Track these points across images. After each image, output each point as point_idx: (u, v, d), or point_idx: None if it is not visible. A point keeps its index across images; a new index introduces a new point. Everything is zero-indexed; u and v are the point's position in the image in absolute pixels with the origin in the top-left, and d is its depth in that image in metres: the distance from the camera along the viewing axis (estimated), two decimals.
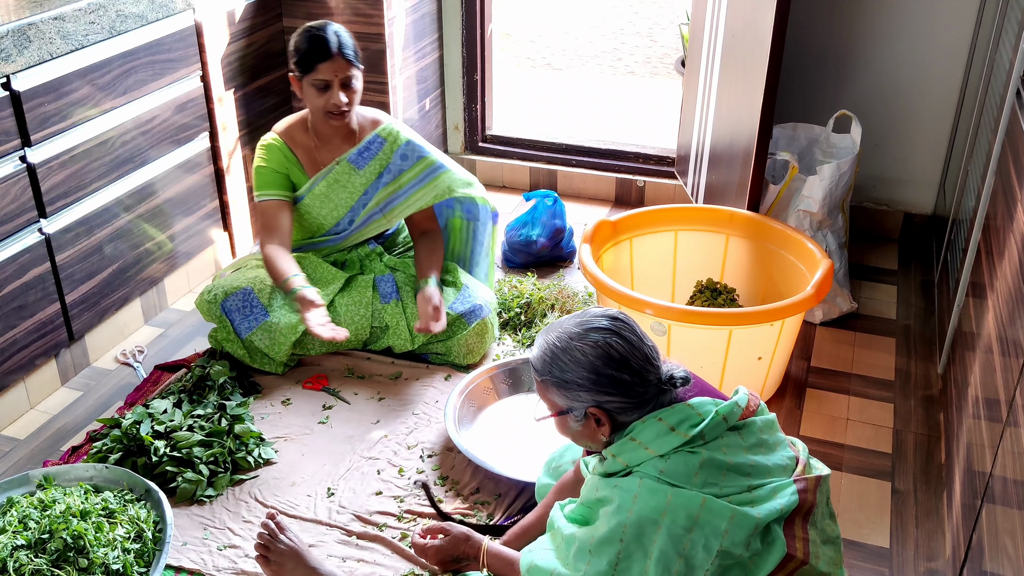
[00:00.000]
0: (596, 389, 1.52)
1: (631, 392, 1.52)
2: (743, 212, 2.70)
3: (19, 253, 2.36)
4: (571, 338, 1.54)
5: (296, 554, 1.83)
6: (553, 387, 1.56)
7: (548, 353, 1.56)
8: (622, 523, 1.47)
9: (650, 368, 1.53)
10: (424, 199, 2.66)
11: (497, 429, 2.37)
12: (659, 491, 1.46)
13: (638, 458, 1.51)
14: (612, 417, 1.54)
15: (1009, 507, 1.54)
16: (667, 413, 1.52)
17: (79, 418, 2.48)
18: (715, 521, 1.44)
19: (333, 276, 2.65)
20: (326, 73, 2.45)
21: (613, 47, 6.47)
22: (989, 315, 2.00)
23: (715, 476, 1.48)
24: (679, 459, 1.49)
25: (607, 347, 1.51)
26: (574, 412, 1.56)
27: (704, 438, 1.51)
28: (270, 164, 2.60)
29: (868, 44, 3.18)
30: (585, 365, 1.51)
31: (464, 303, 2.61)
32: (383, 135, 2.65)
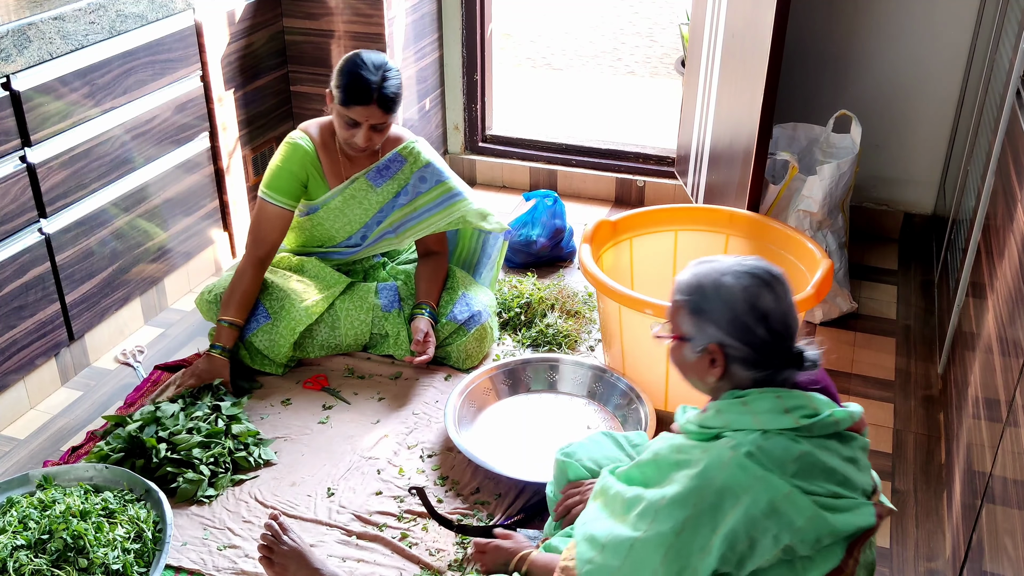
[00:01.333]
0: (727, 330, 1.48)
1: (758, 348, 1.48)
2: (743, 212, 2.70)
3: (19, 253, 2.36)
4: (726, 272, 1.50)
5: (299, 555, 1.83)
6: (687, 311, 1.52)
7: (697, 278, 1.52)
8: (701, 488, 1.42)
9: (786, 337, 1.49)
10: (438, 224, 2.65)
11: (497, 429, 2.37)
12: (749, 469, 1.41)
13: (739, 423, 1.46)
14: (728, 363, 1.50)
15: (1009, 507, 1.54)
16: (787, 394, 1.48)
17: (79, 418, 2.48)
18: (793, 515, 1.40)
19: (335, 280, 2.65)
20: (358, 116, 2.42)
21: (613, 47, 6.47)
22: (989, 315, 2.00)
23: (807, 472, 1.44)
24: (779, 442, 1.44)
25: (757, 296, 1.47)
26: (694, 342, 1.51)
27: (811, 432, 1.46)
28: (291, 167, 2.54)
29: (868, 44, 3.18)
30: (728, 302, 1.48)
31: (464, 311, 2.61)
32: (404, 154, 2.62)
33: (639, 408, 2.34)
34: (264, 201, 2.56)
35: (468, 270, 2.85)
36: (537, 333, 2.75)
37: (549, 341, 2.73)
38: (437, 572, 1.95)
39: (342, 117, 2.45)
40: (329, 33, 3.25)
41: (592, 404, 2.46)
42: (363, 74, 2.39)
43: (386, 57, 2.47)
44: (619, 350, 2.47)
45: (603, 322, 2.56)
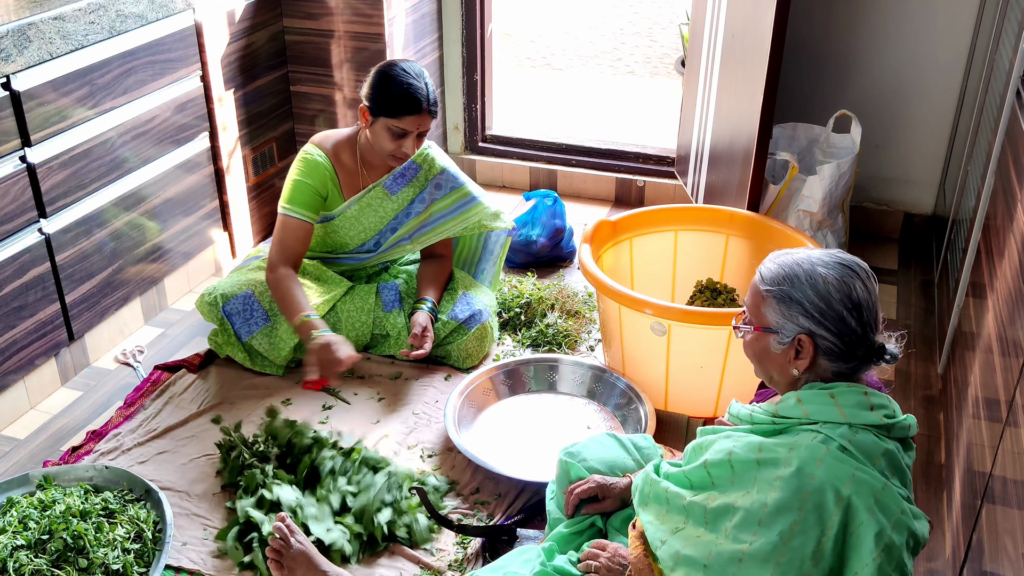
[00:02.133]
0: (818, 319, 1.45)
1: (848, 338, 1.45)
2: (743, 212, 2.70)
3: (19, 253, 2.36)
4: (817, 263, 1.48)
5: (307, 557, 1.83)
6: (774, 301, 1.49)
7: (787, 267, 1.49)
8: (802, 488, 1.37)
9: (873, 327, 1.47)
10: (453, 229, 2.66)
11: (497, 430, 2.37)
12: (846, 461, 1.38)
13: (825, 415, 1.43)
14: (816, 353, 1.47)
15: (1009, 507, 1.54)
16: (873, 393, 1.46)
17: (79, 418, 2.48)
18: (893, 508, 1.37)
19: (337, 282, 2.65)
20: (409, 125, 2.42)
21: (613, 47, 6.47)
22: (989, 315, 2.00)
23: (891, 470, 1.42)
24: (867, 437, 1.42)
25: (851, 286, 1.44)
26: (782, 333, 1.48)
27: (890, 432, 1.45)
28: (311, 182, 2.53)
29: (868, 44, 3.18)
30: (821, 292, 1.45)
31: (464, 310, 2.61)
32: (419, 161, 2.63)
33: (639, 408, 2.34)
34: (286, 216, 2.53)
35: (470, 268, 2.85)
36: (537, 333, 2.75)
37: (549, 341, 2.73)
38: (437, 572, 1.95)
39: (390, 130, 2.43)
40: (329, 33, 3.25)
41: (592, 404, 2.46)
42: (412, 83, 2.40)
43: (413, 62, 2.48)
44: (619, 350, 2.47)
45: (603, 322, 2.56)
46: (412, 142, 2.46)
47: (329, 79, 3.34)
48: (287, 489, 2.07)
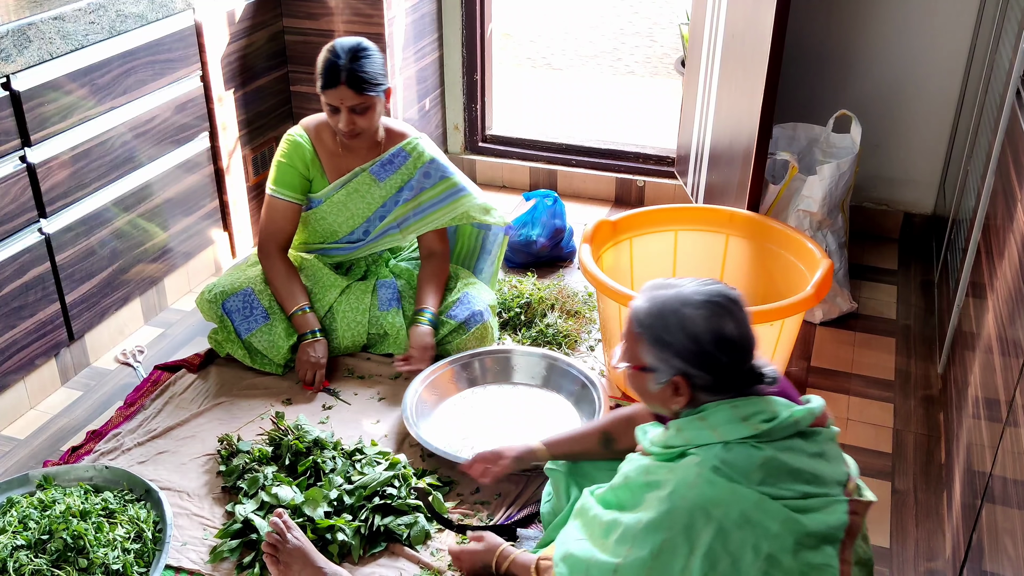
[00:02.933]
0: (692, 360, 1.47)
1: (723, 374, 1.47)
2: (743, 212, 2.70)
3: (19, 253, 2.36)
4: (686, 303, 1.48)
5: (304, 553, 1.83)
6: (648, 343, 1.50)
7: (656, 309, 1.49)
8: (673, 509, 1.42)
9: (748, 359, 1.49)
10: (441, 220, 2.66)
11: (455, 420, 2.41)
12: (717, 484, 1.41)
13: (701, 439, 1.46)
14: (693, 391, 1.49)
15: (1009, 507, 1.54)
16: (743, 402, 1.47)
17: (79, 418, 2.48)
18: (767, 522, 1.40)
19: (332, 282, 2.65)
20: (332, 99, 2.44)
21: (613, 47, 6.47)
22: (989, 315, 2.00)
23: (773, 477, 1.44)
24: (742, 451, 1.44)
25: (721, 326, 1.46)
26: (658, 374, 1.50)
27: (771, 436, 1.46)
28: (291, 162, 2.58)
29: (868, 44, 3.18)
30: (691, 335, 1.46)
31: (464, 310, 2.61)
32: (408, 149, 2.63)
33: (592, 393, 2.38)
34: (272, 197, 2.60)
35: (468, 267, 2.85)
36: (537, 333, 2.75)
37: (549, 341, 2.73)
38: (437, 572, 1.95)
39: (324, 105, 2.48)
40: (329, 33, 3.25)
41: (547, 392, 2.49)
42: (331, 57, 2.42)
43: (363, 41, 2.47)
44: None
45: (603, 322, 2.56)
46: (345, 117, 2.45)
47: None
48: (287, 489, 2.08)
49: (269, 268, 2.60)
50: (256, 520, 2.00)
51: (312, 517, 2.01)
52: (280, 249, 2.61)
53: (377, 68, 2.45)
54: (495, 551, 1.84)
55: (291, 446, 2.20)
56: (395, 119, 2.73)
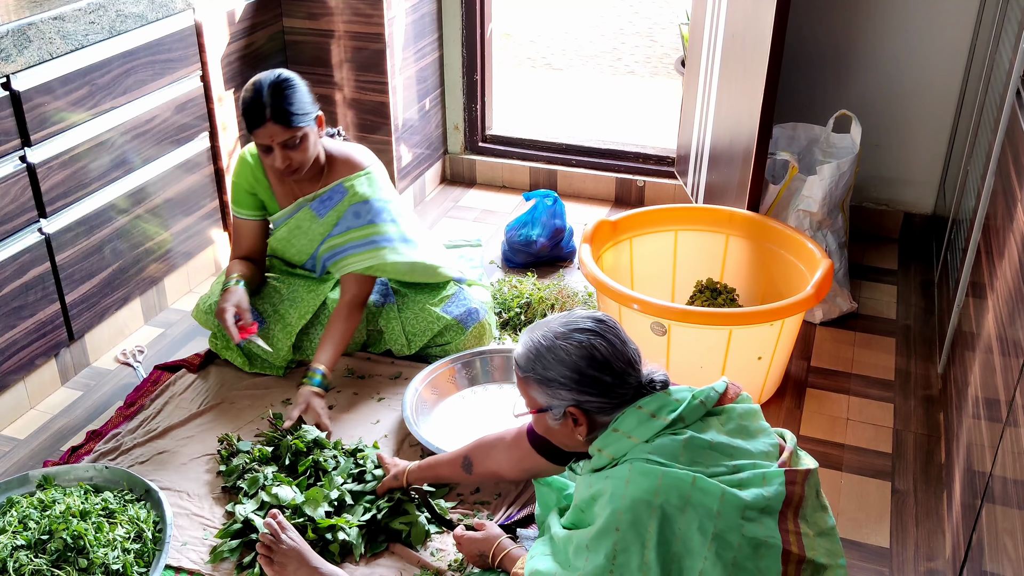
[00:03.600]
0: (577, 389, 1.55)
1: (611, 393, 1.56)
2: (743, 212, 2.70)
3: (19, 253, 2.36)
4: (556, 337, 1.57)
5: (299, 554, 1.83)
6: (535, 384, 1.59)
7: (532, 351, 1.59)
8: (616, 510, 1.47)
9: (631, 371, 1.57)
10: (355, 266, 2.48)
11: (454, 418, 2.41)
12: (650, 472, 1.47)
13: (623, 448, 1.54)
14: (590, 417, 1.58)
15: (1009, 507, 1.54)
16: (645, 401, 1.55)
17: (79, 418, 2.48)
18: (707, 501, 1.45)
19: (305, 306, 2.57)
20: (262, 139, 2.30)
21: (613, 47, 6.47)
22: (989, 315, 2.00)
23: (699, 455, 1.50)
24: (663, 441, 1.51)
25: (591, 348, 1.54)
26: (553, 410, 1.59)
27: (684, 421, 1.54)
28: (238, 179, 2.54)
29: (868, 44, 3.18)
30: (568, 364, 1.55)
31: (459, 306, 2.60)
32: (346, 186, 2.49)
33: None
34: (233, 216, 2.60)
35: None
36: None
37: None
38: (437, 572, 1.95)
39: (257, 147, 2.36)
40: (329, 33, 3.26)
41: None
42: (253, 96, 2.28)
43: (283, 72, 2.33)
44: None
45: None
46: (279, 155, 2.32)
47: (329, 79, 3.34)
48: (287, 489, 2.08)
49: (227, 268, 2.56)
50: (256, 520, 2.00)
51: (313, 517, 2.01)
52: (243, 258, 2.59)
53: (302, 98, 2.32)
54: (493, 542, 1.87)
55: (291, 446, 2.20)
56: (355, 145, 2.58)
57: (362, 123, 3.40)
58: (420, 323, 2.59)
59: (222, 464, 2.22)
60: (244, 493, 2.11)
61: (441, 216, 3.62)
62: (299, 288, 2.60)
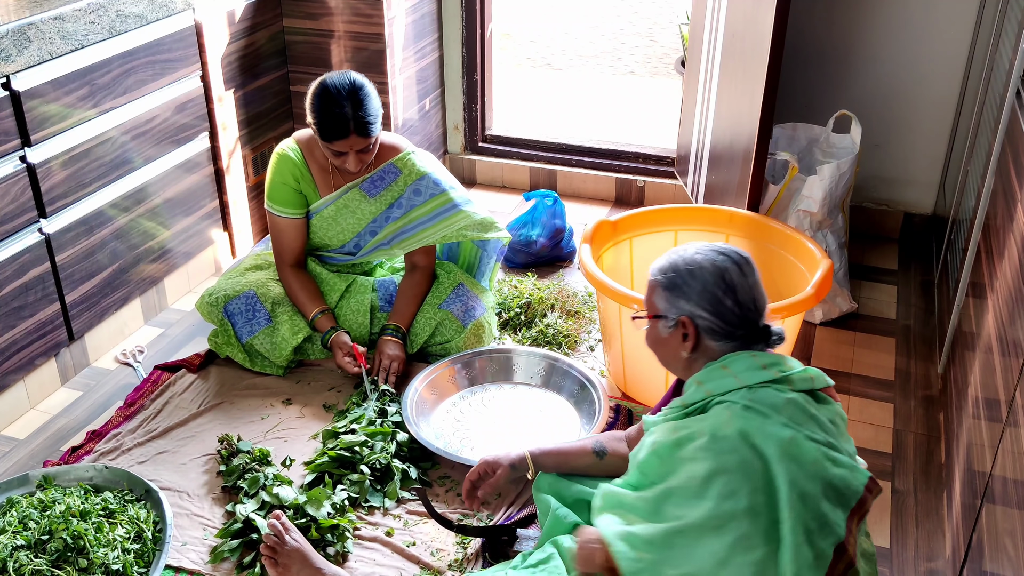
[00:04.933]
0: (696, 301, 1.57)
1: (726, 318, 1.57)
2: (743, 212, 2.70)
3: (19, 253, 2.36)
4: (696, 252, 1.61)
5: (302, 555, 1.83)
6: (661, 289, 1.62)
7: (670, 259, 1.63)
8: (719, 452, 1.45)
9: (752, 309, 1.58)
10: (432, 237, 2.60)
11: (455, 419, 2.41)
12: (752, 418, 1.46)
13: (724, 386, 1.53)
14: (699, 334, 1.59)
15: (1009, 507, 1.54)
16: (761, 354, 1.57)
17: (79, 418, 2.48)
18: (801, 457, 1.44)
19: (333, 285, 2.64)
20: (341, 147, 2.39)
21: (613, 47, 6.47)
22: (989, 315, 2.00)
23: (798, 417, 1.49)
24: (766, 392, 1.51)
25: (724, 270, 1.58)
26: (668, 318, 1.61)
27: (791, 385, 1.53)
28: (282, 178, 2.55)
29: (868, 44, 3.18)
30: (697, 276, 1.58)
31: (458, 304, 2.60)
32: (399, 165, 2.59)
33: (591, 392, 2.40)
34: (271, 214, 2.59)
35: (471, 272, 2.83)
36: (537, 333, 2.75)
37: (549, 341, 2.73)
38: (437, 572, 1.95)
39: (326, 149, 2.43)
40: (329, 33, 3.26)
41: (548, 392, 2.50)
42: (334, 109, 2.34)
43: (354, 76, 2.39)
44: (619, 350, 2.47)
45: (603, 322, 2.56)
46: (353, 160, 2.42)
47: None
48: (288, 489, 2.08)
49: (283, 282, 2.62)
50: (257, 520, 2.00)
51: (315, 517, 2.01)
52: (291, 263, 2.61)
53: (376, 104, 2.41)
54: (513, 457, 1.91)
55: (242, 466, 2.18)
56: (389, 132, 2.68)
57: None
58: (420, 319, 2.60)
59: (222, 464, 2.22)
60: (244, 493, 2.11)
61: None
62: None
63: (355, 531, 2.06)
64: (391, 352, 2.51)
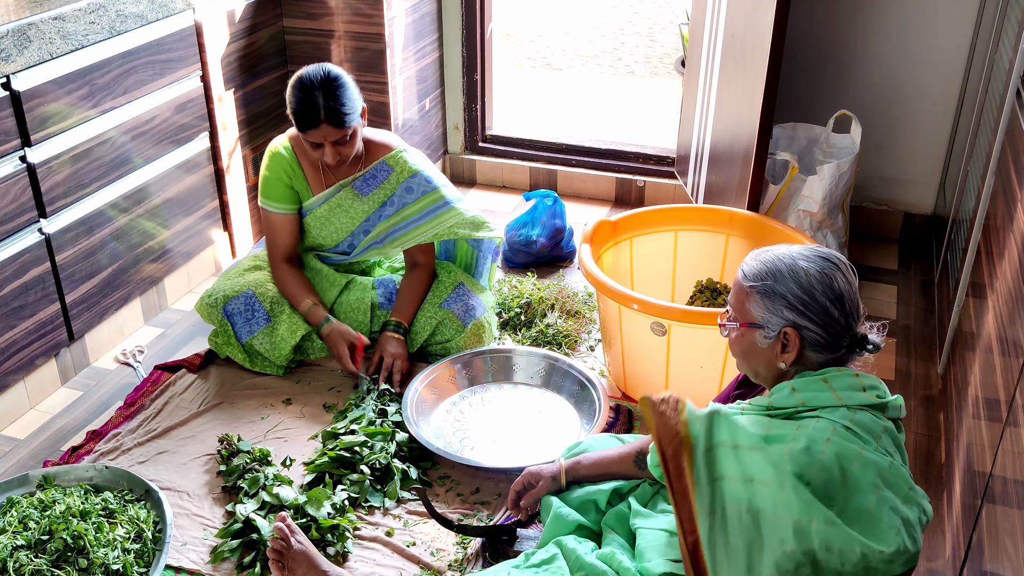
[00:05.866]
0: (802, 311, 1.49)
1: (832, 329, 1.49)
2: (743, 212, 2.70)
3: (19, 253, 2.36)
4: (798, 257, 1.52)
5: (308, 557, 1.83)
6: (758, 296, 1.52)
7: (769, 263, 1.53)
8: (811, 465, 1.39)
9: (856, 317, 1.51)
10: (425, 235, 2.60)
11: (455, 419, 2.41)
12: (853, 441, 1.41)
13: (821, 400, 1.47)
14: (802, 346, 1.51)
15: (1009, 507, 1.54)
16: (863, 375, 1.50)
17: (79, 418, 2.48)
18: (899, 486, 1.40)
19: (333, 281, 2.65)
20: (314, 138, 2.39)
21: (613, 47, 6.47)
22: (989, 315, 2.00)
23: (892, 447, 1.46)
24: (867, 416, 1.46)
25: (832, 277, 1.50)
26: (768, 328, 1.52)
27: (885, 412, 1.49)
28: (275, 174, 2.56)
29: (868, 44, 3.18)
30: (804, 284, 1.49)
31: (458, 303, 2.60)
32: (391, 163, 2.59)
33: (591, 392, 2.40)
34: (264, 210, 2.60)
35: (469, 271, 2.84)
36: (537, 333, 2.75)
37: (549, 341, 2.73)
38: (437, 572, 1.95)
39: (304, 141, 2.43)
40: (329, 33, 3.26)
41: (548, 392, 2.50)
42: (305, 97, 2.34)
43: (331, 67, 2.39)
44: (619, 350, 2.47)
45: (603, 322, 2.56)
46: (329, 151, 2.40)
47: None
48: (288, 490, 2.08)
49: (275, 278, 2.62)
50: (257, 520, 2.00)
51: (316, 517, 2.01)
52: (284, 259, 2.61)
53: (352, 95, 2.39)
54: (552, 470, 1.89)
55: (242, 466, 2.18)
56: (381, 130, 2.67)
57: None
58: (420, 319, 2.60)
59: (222, 464, 2.22)
60: (244, 493, 2.11)
61: None
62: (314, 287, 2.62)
63: (355, 531, 2.06)
64: (393, 350, 2.51)
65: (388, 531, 2.07)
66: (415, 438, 2.26)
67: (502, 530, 2.02)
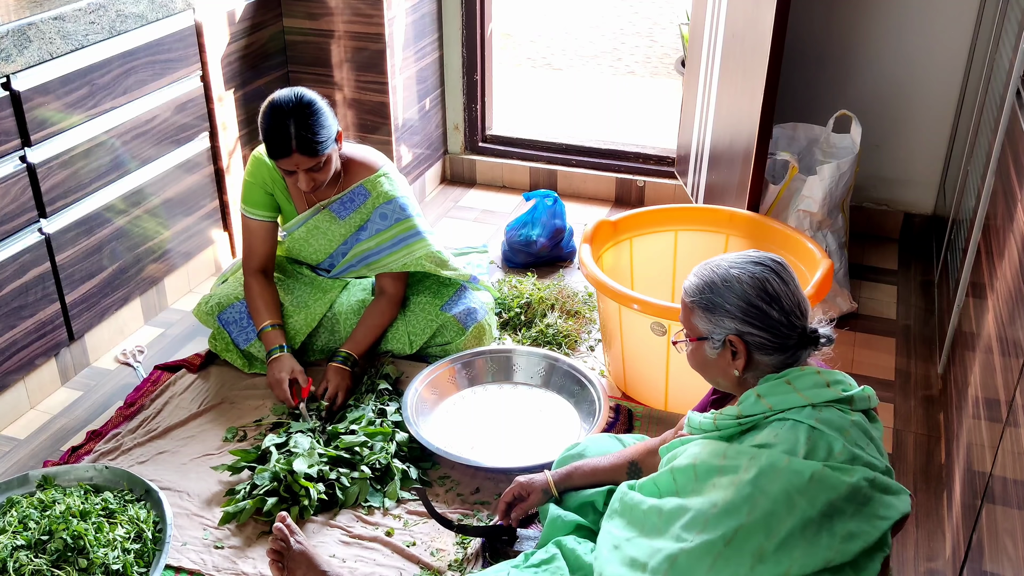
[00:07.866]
0: (742, 318, 1.52)
1: (775, 331, 1.51)
2: (743, 212, 2.70)
3: (19, 253, 2.36)
4: (730, 266, 1.55)
5: (307, 558, 1.83)
6: (699, 310, 1.56)
7: (704, 277, 1.56)
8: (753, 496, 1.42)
9: (798, 315, 1.53)
10: (395, 263, 2.54)
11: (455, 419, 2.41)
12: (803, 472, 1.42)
13: (788, 402, 1.49)
14: (749, 351, 1.53)
15: (1009, 507, 1.54)
16: (826, 371, 1.52)
17: (79, 418, 2.48)
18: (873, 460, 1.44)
19: (331, 286, 2.63)
20: (287, 166, 2.31)
21: (613, 47, 6.47)
22: (989, 315, 2.00)
23: (862, 440, 1.47)
24: (833, 412, 1.47)
25: (764, 281, 1.52)
26: (713, 338, 1.55)
27: (852, 405, 1.50)
28: (255, 179, 2.52)
29: (868, 44, 3.18)
30: (738, 292, 1.52)
31: (460, 306, 2.60)
32: (368, 187, 2.52)
33: (591, 392, 2.40)
34: (244, 216, 2.56)
35: None
36: (537, 333, 2.75)
37: (549, 341, 2.73)
38: (437, 572, 1.95)
39: (278, 168, 2.36)
40: (329, 33, 3.26)
41: (547, 392, 2.50)
42: (276, 125, 2.26)
43: (304, 92, 2.31)
44: (619, 350, 2.47)
45: (603, 322, 2.56)
46: (304, 178, 2.33)
47: (329, 79, 3.34)
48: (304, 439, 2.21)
49: (245, 287, 2.56)
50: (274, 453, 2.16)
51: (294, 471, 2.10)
52: (258, 268, 2.56)
53: (326, 122, 2.30)
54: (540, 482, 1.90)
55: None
56: (366, 147, 2.60)
57: (362, 123, 3.40)
58: (421, 322, 2.60)
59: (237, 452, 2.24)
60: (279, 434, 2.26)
61: (441, 216, 3.62)
62: (305, 295, 2.60)
63: (354, 532, 2.06)
64: (337, 382, 2.43)
65: (388, 531, 2.07)
66: (415, 438, 2.26)
67: (502, 530, 2.02)
